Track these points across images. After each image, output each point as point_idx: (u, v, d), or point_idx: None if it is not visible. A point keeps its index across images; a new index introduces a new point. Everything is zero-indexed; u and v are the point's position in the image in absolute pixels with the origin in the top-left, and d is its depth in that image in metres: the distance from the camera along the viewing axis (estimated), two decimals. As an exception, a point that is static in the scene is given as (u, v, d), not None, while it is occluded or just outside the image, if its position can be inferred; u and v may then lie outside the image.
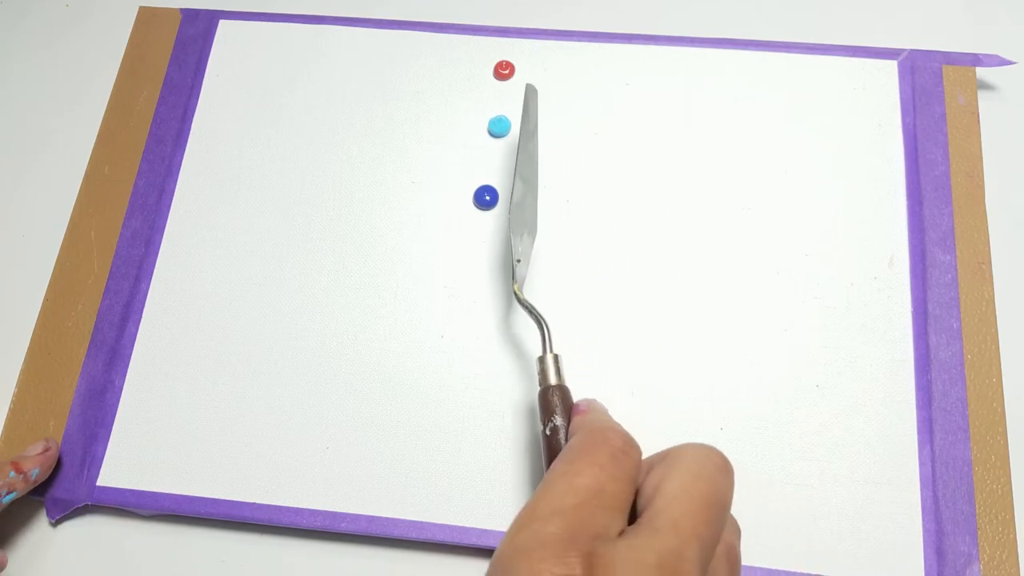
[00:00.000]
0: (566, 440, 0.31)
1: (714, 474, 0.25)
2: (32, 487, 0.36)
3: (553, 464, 0.26)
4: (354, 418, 0.37)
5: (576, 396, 0.32)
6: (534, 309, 0.34)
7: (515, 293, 0.35)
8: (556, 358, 0.33)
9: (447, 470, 0.36)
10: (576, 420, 0.31)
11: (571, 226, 0.40)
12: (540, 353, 0.33)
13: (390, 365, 0.38)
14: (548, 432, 0.31)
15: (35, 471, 0.35)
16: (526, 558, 0.23)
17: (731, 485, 0.25)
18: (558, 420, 0.31)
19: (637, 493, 0.25)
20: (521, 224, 0.36)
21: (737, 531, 0.27)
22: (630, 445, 0.26)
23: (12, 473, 0.34)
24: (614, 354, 0.38)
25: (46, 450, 0.36)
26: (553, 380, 0.32)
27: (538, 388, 0.33)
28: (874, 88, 0.42)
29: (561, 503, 0.24)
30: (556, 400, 0.32)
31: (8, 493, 0.34)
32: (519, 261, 0.35)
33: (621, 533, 0.24)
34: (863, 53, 0.42)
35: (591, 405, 0.31)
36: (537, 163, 0.39)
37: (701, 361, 0.37)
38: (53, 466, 0.37)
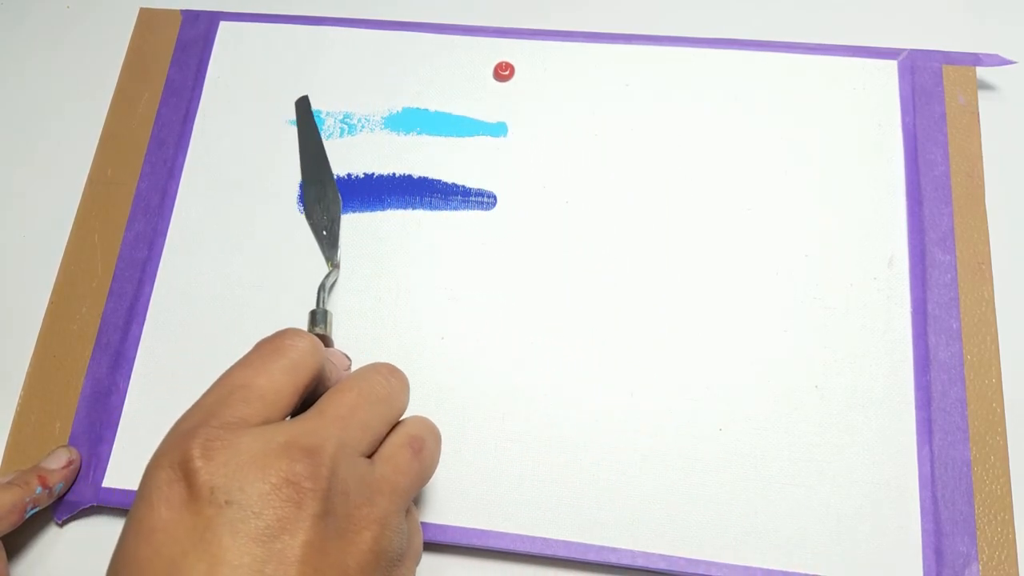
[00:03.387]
0: None
1: (373, 376, 0.26)
2: (53, 500, 0.36)
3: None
4: (356, 420, 0.37)
5: (573, 389, 0.32)
6: (323, 292, 0.39)
7: (329, 267, 0.39)
8: (324, 313, 0.37)
9: (447, 471, 0.36)
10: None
11: (571, 226, 0.40)
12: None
13: (391, 367, 0.38)
14: None
15: (59, 486, 0.36)
16: (155, 456, 0.23)
17: (397, 388, 0.27)
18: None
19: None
20: (314, 207, 0.41)
21: (432, 432, 0.27)
22: (299, 338, 0.26)
23: (39, 489, 0.35)
24: (614, 354, 0.38)
25: (70, 463, 0.36)
26: (318, 330, 0.37)
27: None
28: (874, 88, 0.42)
29: (203, 402, 0.25)
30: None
31: (33, 508, 0.35)
32: (324, 235, 0.40)
33: None
34: (863, 53, 0.42)
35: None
36: (325, 158, 0.42)
37: (700, 361, 0.37)
38: (75, 479, 0.37)
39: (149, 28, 0.47)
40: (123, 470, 0.37)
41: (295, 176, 0.42)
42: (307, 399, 0.27)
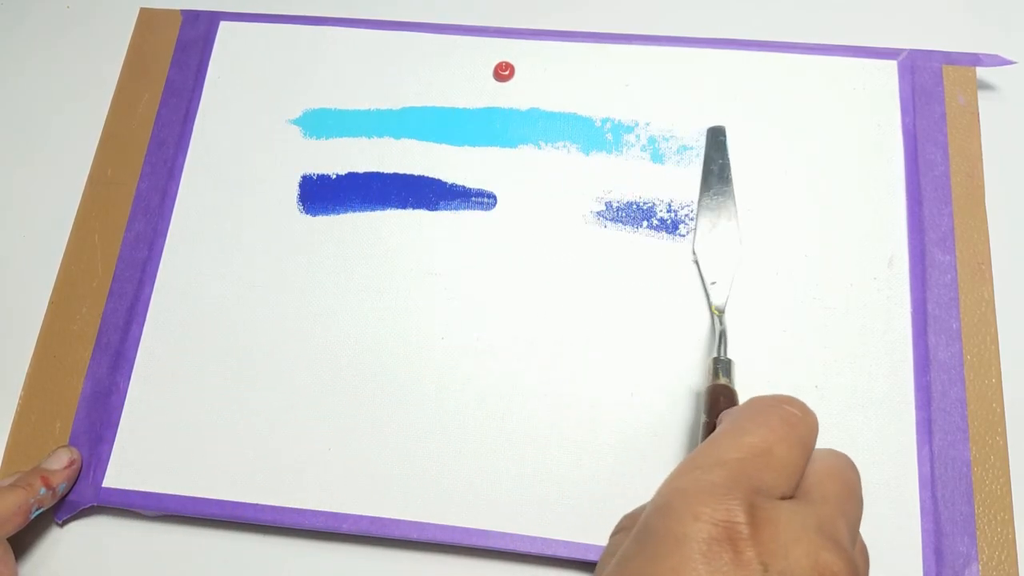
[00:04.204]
0: None
1: (849, 466, 0.26)
2: (56, 500, 0.36)
3: (720, 427, 0.26)
4: (356, 420, 0.37)
5: (573, 389, 0.32)
6: (722, 325, 0.37)
7: (712, 313, 0.38)
8: (727, 363, 0.34)
9: (448, 471, 0.36)
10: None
11: (571, 226, 0.40)
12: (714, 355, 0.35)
13: (391, 367, 0.38)
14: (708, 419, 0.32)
15: (62, 486, 0.36)
16: (685, 499, 0.23)
17: (860, 482, 0.26)
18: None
19: None
20: (708, 250, 0.39)
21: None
22: (806, 412, 0.26)
23: (43, 490, 0.35)
24: (614, 354, 0.38)
25: (71, 463, 0.37)
26: (721, 380, 0.34)
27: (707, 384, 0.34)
28: (874, 88, 0.42)
29: (725, 456, 0.24)
30: (712, 396, 0.33)
31: (37, 509, 0.35)
32: (713, 283, 0.38)
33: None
34: (863, 53, 0.42)
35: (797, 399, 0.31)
36: (733, 195, 0.40)
37: (701, 362, 0.37)
38: (76, 479, 0.37)
39: (149, 28, 0.47)
40: (123, 470, 0.37)
41: (295, 176, 0.42)
42: None
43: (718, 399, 0.33)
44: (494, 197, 0.41)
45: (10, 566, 0.34)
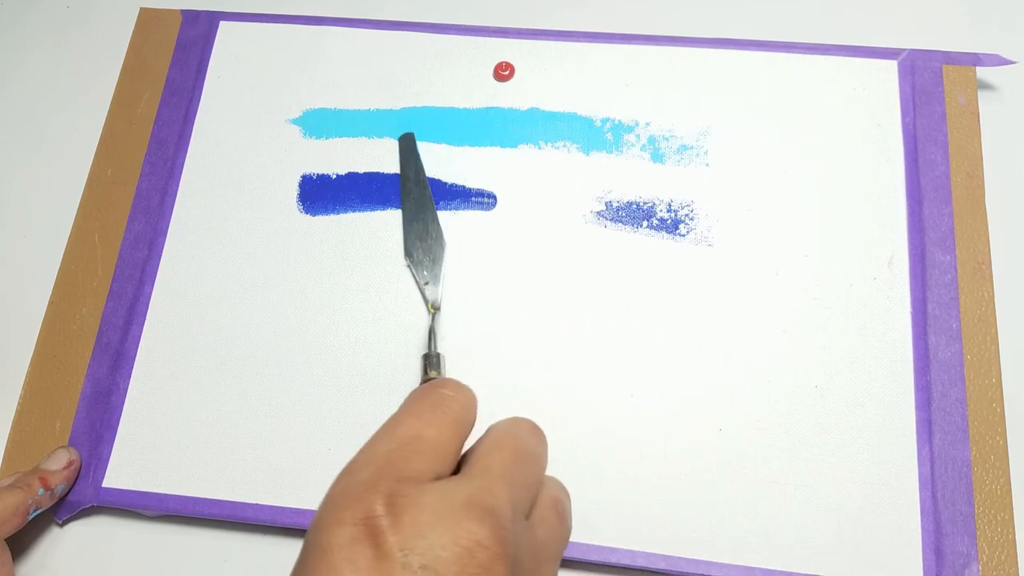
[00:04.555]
0: None
1: (522, 433, 0.25)
2: (55, 501, 0.36)
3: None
4: (356, 420, 0.37)
5: (573, 389, 0.32)
6: (432, 323, 0.38)
7: (429, 311, 0.39)
8: (437, 357, 0.37)
9: (448, 471, 0.36)
10: None
11: (571, 227, 0.40)
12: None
13: (391, 367, 0.38)
14: None
15: (61, 486, 0.36)
16: (331, 507, 0.22)
17: (542, 444, 0.26)
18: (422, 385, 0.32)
19: (462, 458, 0.25)
20: (419, 254, 0.40)
21: (564, 491, 0.27)
22: (458, 390, 0.26)
23: (41, 491, 0.35)
24: (614, 354, 0.38)
25: (70, 464, 0.37)
26: (432, 375, 0.36)
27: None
28: (874, 88, 0.42)
29: (375, 452, 0.24)
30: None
31: (36, 510, 0.35)
32: (427, 284, 0.39)
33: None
34: (863, 53, 0.42)
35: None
36: (430, 197, 0.41)
37: (700, 362, 0.37)
38: (76, 479, 0.37)
39: (149, 28, 0.47)
40: (123, 470, 0.37)
41: (295, 176, 0.42)
42: None
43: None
44: (494, 197, 0.41)
45: (7, 567, 0.34)
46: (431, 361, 0.37)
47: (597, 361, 0.38)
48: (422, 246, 0.40)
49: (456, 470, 0.24)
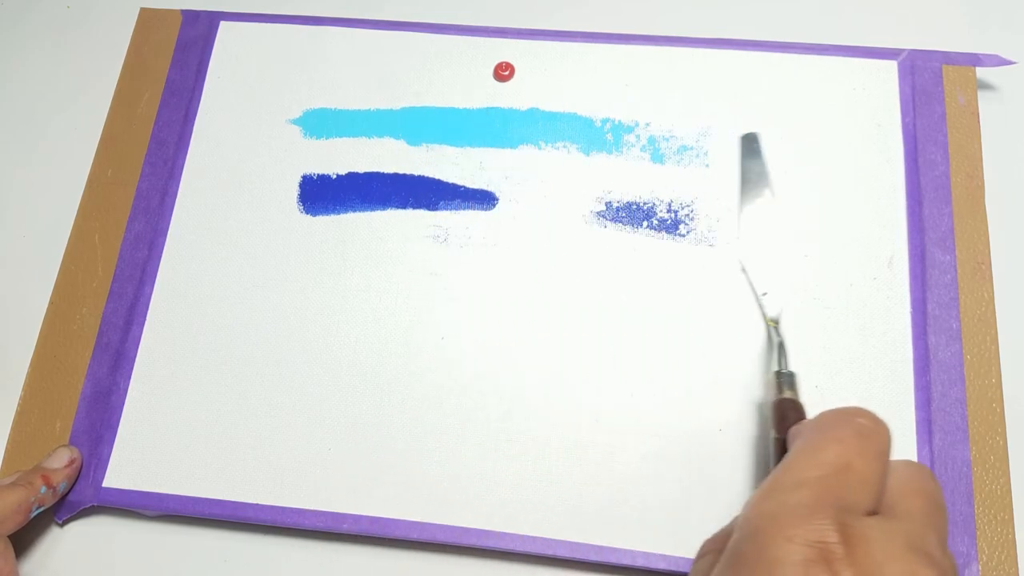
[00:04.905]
0: None
1: (931, 479, 0.25)
2: (57, 499, 0.36)
3: (793, 445, 0.26)
4: (356, 420, 0.37)
5: (573, 390, 0.32)
6: (779, 336, 0.36)
7: (767, 324, 0.37)
8: (790, 376, 0.34)
9: (448, 471, 0.36)
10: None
11: (571, 226, 0.40)
12: (775, 368, 0.35)
13: (391, 367, 0.38)
14: (777, 435, 0.32)
15: (63, 484, 0.36)
16: (775, 522, 0.23)
17: (942, 495, 0.26)
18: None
19: None
20: (757, 259, 0.38)
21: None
22: (878, 425, 0.25)
23: (43, 488, 0.35)
24: (614, 354, 0.38)
25: (71, 462, 0.37)
26: (786, 394, 0.33)
27: (772, 399, 0.34)
28: (874, 88, 0.42)
29: (804, 475, 0.24)
30: (779, 412, 0.33)
31: (38, 508, 0.35)
32: (765, 294, 0.38)
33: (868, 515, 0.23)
34: (863, 53, 0.42)
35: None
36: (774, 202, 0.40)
37: (700, 362, 0.37)
38: (77, 478, 0.37)
39: (149, 28, 0.47)
40: (123, 470, 0.37)
41: (295, 176, 0.42)
42: None
43: (785, 414, 0.32)
44: (494, 197, 0.41)
45: (10, 563, 0.34)
46: (785, 379, 0.34)
47: (597, 361, 0.38)
48: (764, 253, 0.38)
49: None
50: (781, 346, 0.36)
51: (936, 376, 0.36)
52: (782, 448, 0.32)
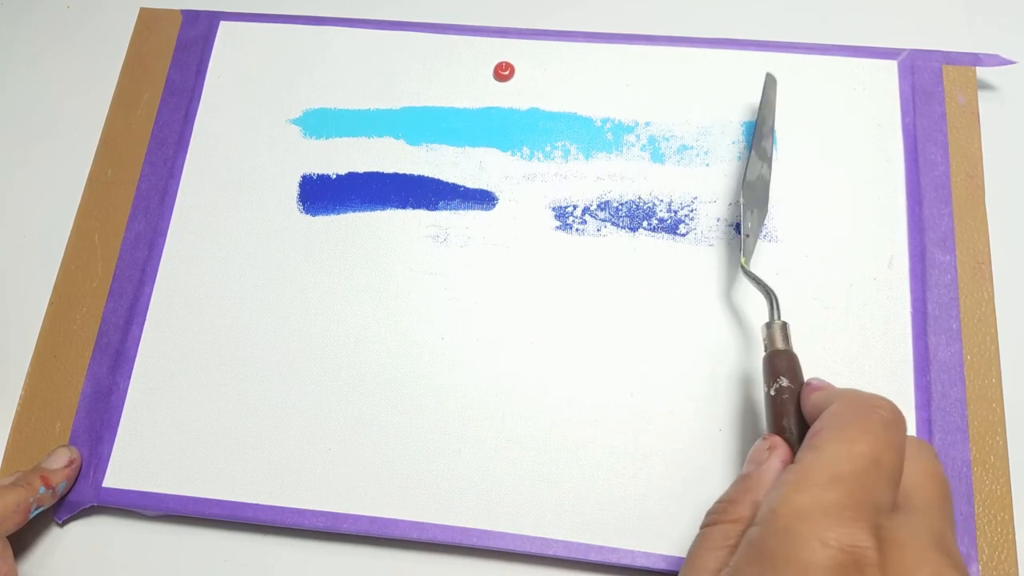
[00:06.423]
0: (795, 403, 0.30)
1: (935, 456, 0.26)
2: (56, 500, 0.36)
3: (818, 429, 0.26)
4: (356, 420, 0.37)
5: (573, 390, 0.32)
6: (760, 280, 0.35)
7: (741, 266, 0.36)
8: (784, 325, 0.33)
9: (448, 471, 0.36)
10: (829, 391, 0.29)
11: (576, 223, 0.40)
12: (767, 320, 0.33)
13: (391, 367, 0.38)
14: (773, 393, 0.31)
15: (62, 485, 0.36)
16: (809, 523, 0.23)
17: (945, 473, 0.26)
18: (784, 382, 0.31)
19: None
20: (751, 200, 0.37)
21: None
22: (898, 415, 0.26)
23: (43, 489, 0.35)
24: (614, 354, 0.38)
25: (71, 462, 0.37)
26: (780, 345, 0.32)
27: (763, 353, 0.33)
28: (874, 88, 0.42)
29: (839, 469, 0.24)
30: (783, 363, 0.31)
31: (37, 508, 0.35)
32: (747, 236, 0.36)
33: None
34: (863, 53, 0.42)
35: (825, 383, 0.30)
36: (773, 145, 0.39)
37: (700, 361, 0.37)
38: (76, 478, 0.37)
39: (149, 28, 0.47)
40: (123, 470, 0.37)
41: (295, 176, 0.42)
42: None
43: (776, 366, 0.31)
44: (494, 197, 0.41)
45: (9, 563, 0.34)
46: (779, 330, 0.33)
47: (597, 361, 0.38)
48: (755, 196, 0.37)
49: None
50: (770, 294, 0.34)
51: (936, 376, 0.36)
52: (775, 404, 0.31)
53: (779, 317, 0.33)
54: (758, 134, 0.39)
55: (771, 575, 0.23)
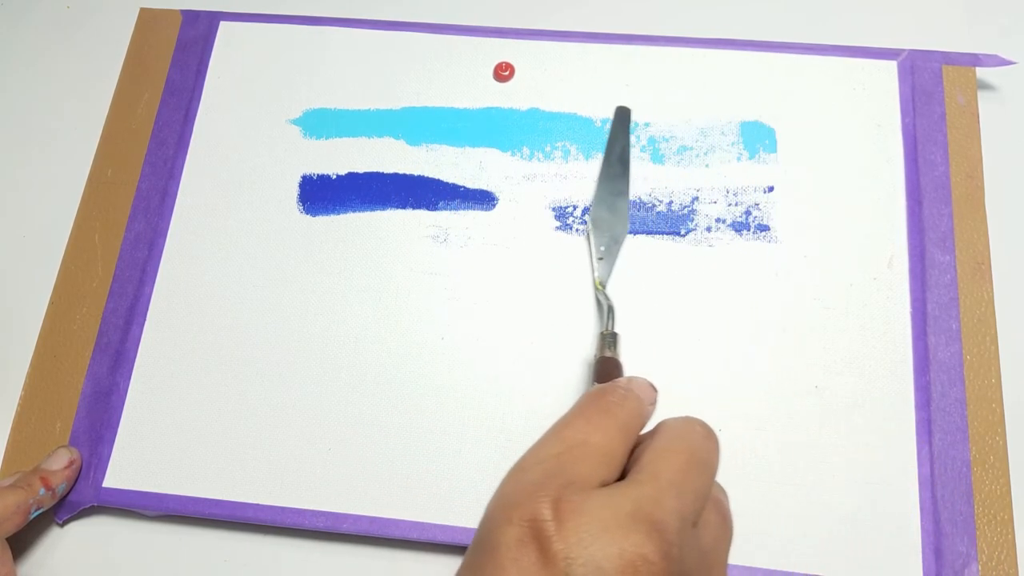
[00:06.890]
0: None
1: (695, 436, 0.25)
2: (56, 501, 0.36)
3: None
4: (356, 420, 0.37)
5: (573, 390, 0.32)
6: (608, 299, 0.37)
7: (595, 286, 0.38)
8: (613, 336, 0.35)
9: (448, 471, 0.36)
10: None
11: (576, 224, 0.40)
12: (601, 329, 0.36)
13: (391, 367, 0.38)
14: None
15: (62, 486, 0.36)
16: (502, 504, 0.23)
17: (714, 450, 0.26)
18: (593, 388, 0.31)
19: (629, 459, 0.25)
20: (601, 222, 0.39)
21: (722, 490, 0.26)
22: (625, 397, 0.26)
23: (42, 490, 0.35)
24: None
25: (71, 463, 0.37)
26: (608, 353, 0.35)
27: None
28: (874, 88, 0.42)
29: (545, 453, 0.24)
30: (602, 368, 0.34)
31: (37, 509, 0.35)
32: (600, 259, 0.39)
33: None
34: (863, 53, 0.42)
35: (630, 380, 0.30)
36: (628, 174, 0.41)
37: (700, 361, 0.37)
38: (76, 479, 0.37)
39: (149, 28, 0.47)
40: (123, 470, 0.37)
41: (295, 176, 0.42)
42: None
43: (608, 371, 0.33)
44: (494, 197, 0.41)
45: (8, 565, 0.34)
46: (608, 341, 0.35)
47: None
48: (608, 220, 0.39)
49: (624, 471, 0.25)
50: (610, 309, 0.37)
51: (936, 376, 0.36)
52: None
53: (611, 328, 0.36)
54: (606, 162, 0.41)
55: (471, 560, 0.23)
